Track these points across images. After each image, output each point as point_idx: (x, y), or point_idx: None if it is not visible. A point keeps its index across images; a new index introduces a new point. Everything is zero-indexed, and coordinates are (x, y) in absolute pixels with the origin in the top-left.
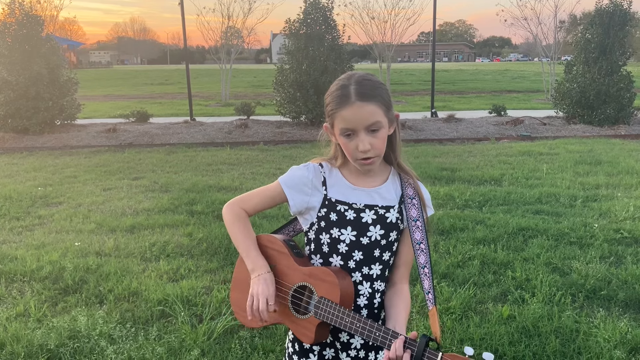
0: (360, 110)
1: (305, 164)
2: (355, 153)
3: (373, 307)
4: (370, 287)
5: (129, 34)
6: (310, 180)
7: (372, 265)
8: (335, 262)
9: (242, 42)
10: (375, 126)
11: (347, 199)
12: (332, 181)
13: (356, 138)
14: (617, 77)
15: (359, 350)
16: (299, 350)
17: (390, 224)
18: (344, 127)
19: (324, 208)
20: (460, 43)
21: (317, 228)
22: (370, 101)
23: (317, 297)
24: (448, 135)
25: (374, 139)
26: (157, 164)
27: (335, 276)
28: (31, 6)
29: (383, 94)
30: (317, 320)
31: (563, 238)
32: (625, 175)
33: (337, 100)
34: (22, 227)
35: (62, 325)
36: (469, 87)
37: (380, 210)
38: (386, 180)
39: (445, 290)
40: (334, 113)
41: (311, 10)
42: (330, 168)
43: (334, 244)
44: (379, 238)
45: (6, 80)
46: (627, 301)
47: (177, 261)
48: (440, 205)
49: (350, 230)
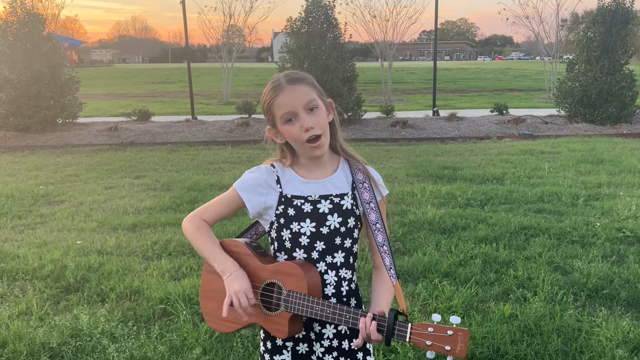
0: (294, 91)
1: (257, 167)
2: (301, 134)
3: (341, 295)
4: (336, 276)
5: (131, 33)
6: (264, 180)
7: (335, 254)
8: (299, 255)
9: (243, 40)
10: (312, 104)
11: (302, 192)
12: (286, 179)
13: (298, 120)
14: (619, 76)
15: (332, 340)
16: (272, 348)
17: (347, 211)
18: (284, 112)
19: (281, 205)
20: (461, 42)
21: (277, 225)
22: (300, 83)
23: (285, 291)
24: (450, 134)
25: (315, 117)
26: (158, 162)
27: (300, 268)
28: (33, 5)
29: (311, 79)
30: (289, 314)
31: (565, 237)
32: (627, 174)
33: (272, 91)
34: (24, 225)
35: (64, 323)
36: (471, 86)
37: (335, 198)
38: (337, 169)
39: (447, 289)
40: (271, 104)
41: (313, 8)
42: (282, 167)
43: (295, 238)
44: (338, 226)
45: (8, 79)
46: (629, 300)
47: (178, 260)
48: (442, 204)
49: (309, 222)
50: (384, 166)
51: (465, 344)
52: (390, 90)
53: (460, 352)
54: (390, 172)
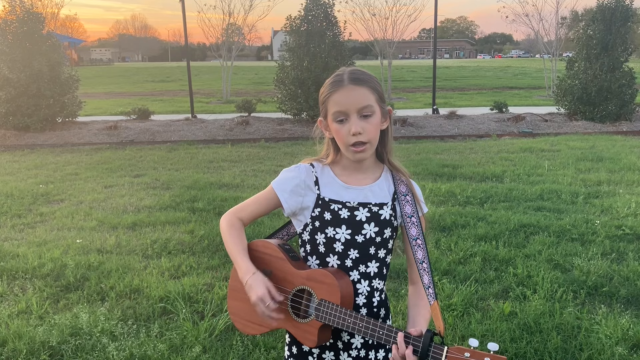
0: (352, 92)
1: (296, 165)
2: (348, 138)
3: (372, 306)
4: (369, 286)
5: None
6: (303, 181)
7: (369, 263)
8: (332, 261)
9: (243, 39)
10: (367, 110)
11: (340, 197)
12: (325, 181)
13: (348, 122)
14: (618, 74)
15: (360, 350)
16: (297, 354)
17: (384, 221)
18: (337, 110)
19: (318, 208)
20: (461, 40)
21: (312, 228)
22: (361, 85)
23: (317, 299)
24: (449, 132)
25: (366, 123)
26: (158, 161)
27: (334, 277)
28: (32, 3)
29: (375, 83)
30: (319, 323)
31: (564, 235)
32: (627, 172)
33: (331, 86)
34: (24, 224)
35: (64, 322)
36: (471, 84)
37: (373, 207)
38: (379, 177)
39: (447, 286)
40: (327, 98)
41: (312, 7)
42: (321, 167)
43: (329, 243)
44: (374, 235)
45: (7, 78)
46: (629, 297)
47: (178, 258)
48: (442, 202)
49: (345, 228)
50: None
51: None
52: (390, 89)
53: None
54: None
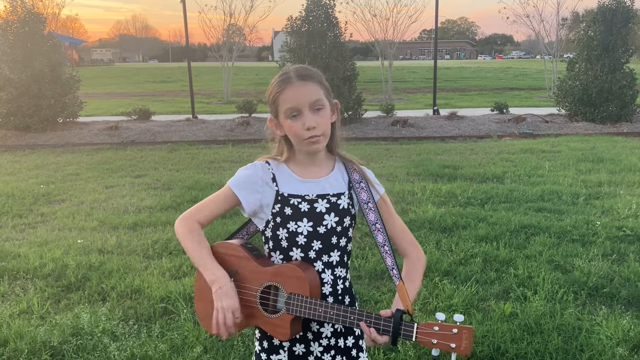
0: (302, 88)
1: (251, 164)
2: (302, 132)
3: (337, 294)
4: (332, 274)
5: (131, 32)
6: (260, 178)
7: (331, 253)
8: (295, 254)
9: (243, 39)
10: (318, 104)
11: (298, 191)
12: (282, 177)
13: (301, 117)
14: (619, 75)
15: (330, 339)
16: (268, 348)
17: (343, 210)
18: (289, 107)
19: (278, 204)
20: (462, 40)
21: (274, 225)
22: (309, 80)
23: (285, 293)
24: (450, 132)
25: (319, 117)
26: (159, 161)
27: (301, 270)
28: (33, 4)
29: (321, 78)
30: (290, 316)
31: (565, 236)
32: (628, 173)
33: (279, 84)
34: (25, 224)
35: (65, 322)
36: (471, 85)
37: (332, 198)
38: (333, 168)
39: (448, 287)
40: (277, 97)
41: (313, 7)
42: (277, 164)
43: (292, 237)
44: (335, 225)
45: (8, 78)
46: (630, 299)
47: (179, 258)
48: (443, 202)
49: (306, 221)
50: (384, 165)
51: (470, 341)
52: (391, 89)
53: (464, 349)
54: (391, 171)
